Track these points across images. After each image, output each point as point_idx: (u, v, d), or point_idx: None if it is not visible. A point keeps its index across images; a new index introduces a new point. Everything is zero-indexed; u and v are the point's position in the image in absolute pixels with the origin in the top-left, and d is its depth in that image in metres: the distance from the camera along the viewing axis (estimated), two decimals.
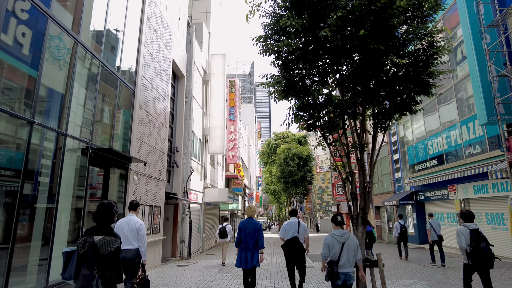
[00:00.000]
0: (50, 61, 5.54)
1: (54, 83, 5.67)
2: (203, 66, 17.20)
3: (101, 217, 3.22)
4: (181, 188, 12.82)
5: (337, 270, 4.14)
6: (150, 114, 9.78)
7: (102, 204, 3.28)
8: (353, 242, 4.25)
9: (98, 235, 3.12)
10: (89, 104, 6.70)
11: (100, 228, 3.18)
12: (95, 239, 3.10)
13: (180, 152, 13.00)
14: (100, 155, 6.82)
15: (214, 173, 19.00)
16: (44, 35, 5.31)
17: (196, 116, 15.48)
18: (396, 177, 20.80)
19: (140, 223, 5.22)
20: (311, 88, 6.37)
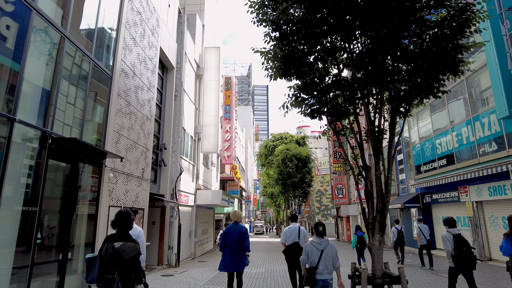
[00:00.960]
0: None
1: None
2: (196, 59, 16.13)
3: (119, 225, 3.47)
4: (169, 189, 11.69)
5: (315, 276, 4.23)
6: (131, 104, 8.68)
7: (120, 212, 3.56)
8: (332, 250, 4.33)
9: (118, 242, 3.36)
10: (49, 84, 5.58)
11: (119, 235, 3.43)
12: (115, 246, 3.34)
13: (168, 150, 11.89)
14: (63, 147, 5.70)
15: (207, 174, 17.87)
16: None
17: (187, 112, 14.38)
18: (400, 179, 19.74)
19: (139, 230, 5.31)
20: (316, 65, 5.29)
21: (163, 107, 12.21)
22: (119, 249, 3.32)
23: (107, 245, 3.38)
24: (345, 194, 31.66)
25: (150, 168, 10.01)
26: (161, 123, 11.94)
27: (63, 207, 6.00)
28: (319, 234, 4.45)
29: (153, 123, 10.27)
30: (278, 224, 59.68)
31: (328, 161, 50.24)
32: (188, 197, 13.98)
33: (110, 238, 3.44)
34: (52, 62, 5.68)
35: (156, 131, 11.55)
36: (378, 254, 4.53)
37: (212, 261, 13.94)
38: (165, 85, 12.51)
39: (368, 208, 5.05)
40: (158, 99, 11.91)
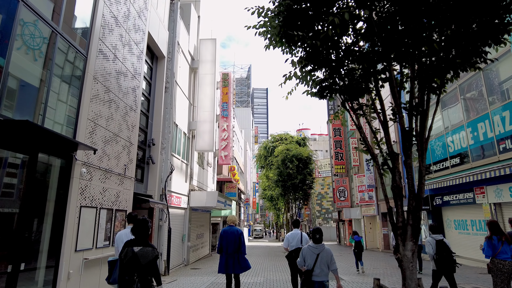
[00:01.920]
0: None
1: None
2: (191, 51, 15.11)
3: (139, 231, 3.81)
4: (157, 189, 10.61)
5: (312, 279, 4.43)
6: (111, 91, 7.62)
7: (139, 220, 3.90)
8: (327, 254, 4.49)
9: (137, 246, 3.69)
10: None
11: (138, 240, 3.76)
12: (134, 250, 3.66)
13: (157, 146, 10.82)
14: (14, 133, 4.64)
15: (203, 175, 16.79)
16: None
17: (180, 106, 13.33)
18: (406, 181, 18.64)
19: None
20: (330, 18, 4.19)
21: (152, 99, 11.16)
22: (138, 253, 3.62)
23: (127, 249, 3.67)
24: (347, 196, 30.56)
25: (135, 165, 8.93)
26: (149, 117, 10.88)
27: (20, 208, 4.93)
28: (316, 241, 4.60)
29: (138, 115, 9.21)
30: (278, 228, 58.48)
31: (329, 163, 49.20)
32: (180, 198, 12.89)
33: (130, 243, 3.74)
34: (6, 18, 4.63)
35: (143, 125, 10.49)
36: (411, 268, 3.45)
37: (206, 268, 12.82)
38: (154, 75, 11.47)
39: (397, 208, 3.96)
40: (147, 90, 10.87)
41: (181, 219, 13.43)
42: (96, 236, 6.82)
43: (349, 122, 27.99)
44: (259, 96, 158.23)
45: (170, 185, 11.75)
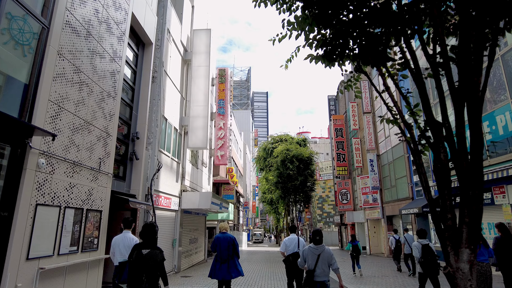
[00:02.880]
0: None
1: None
2: (183, 42, 14.10)
3: (146, 235, 4.15)
4: (142, 188, 9.52)
5: (314, 279, 4.54)
6: (83, 72, 6.57)
7: (146, 224, 4.26)
8: (328, 254, 4.61)
9: (145, 249, 4.01)
10: None
11: (146, 243, 4.08)
12: (143, 252, 3.98)
13: (142, 140, 9.74)
14: None
15: (197, 175, 15.69)
16: None
17: (170, 99, 12.28)
18: (415, 180, 17.55)
19: (135, 240, 5.71)
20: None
21: (137, 89, 10.10)
22: (147, 255, 3.97)
23: (136, 252, 4.01)
24: (349, 199, 29.41)
25: (113, 160, 7.85)
26: (133, 108, 9.82)
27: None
28: (316, 242, 4.68)
29: (118, 103, 8.14)
30: (278, 232, 57.17)
31: (331, 165, 48.07)
32: (170, 199, 11.79)
33: (139, 246, 4.09)
34: None
35: (126, 116, 9.42)
36: (469, 287, 2.31)
37: (199, 276, 11.69)
38: (140, 62, 10.42)
39: (443, 200, 2.84)
40: (131, 78, 9.82)
41: (171, 222, 12.32)
42: (59, 241, 5.72)
43: (352, 122, 26.95)
44: (259, 99, 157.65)
45: (157, 184, 10.66)
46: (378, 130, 22.93)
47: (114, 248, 5.65)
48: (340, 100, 33.96)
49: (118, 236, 5.77)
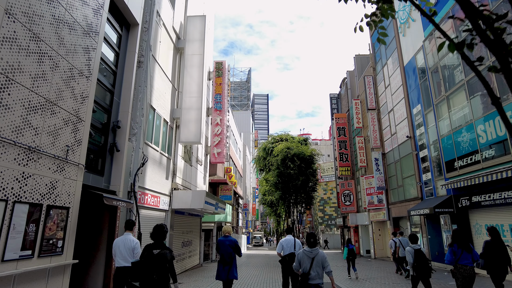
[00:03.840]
0: None
1: None
2: (176, 28, 13.06)
3: (157, 236, 4.57)
4: (123, 184, 8.42)
5: (309, 282, 4.64)
6: (44, 41, 5.50)
7: (157, 226, 4.69)
8: (322, 257, 4.72)
9: (155, 249, 4.40)
10: None
11: (156, 244, 4.50)
12: (154, 252, 4.36)
13: (123, 130, 8.65)
14: None
15: (191, 173, 14.59)
16: None
17: (160, 89, 11.22)
18: (424, 179, 16.41)
19: (135, 242, 5.91)
20: None
21: (119, 73, 9.03)
22: (157, 255, 4.32)
23: (147, 252, 4.37)
24: (353, 201, 28.25)
25: (86, 149, 6.76)
26: (115, 94, 8.74)
27: None
28: (310, 245, 4.81)
29: (94, 85, 7.06)
30: (278, 235, 55.94)
31: (332, 167, 46.92)
32: (158, 198, 10.69)
33: (149, 247, 4.47)
34: None
35: (106, 103, 8.34)
36: None
37: (190, 283, 10.56)
38: (124, 44, 9.36)
39: None
40: (113, 60, 8.75)
41: (160, 223, 11.19)
42: (4, 244, 4.62)
43: None
44: (259, 102, 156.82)
45: (143, 180, 9.57)
46: (383, 127, 21.82)
47: (115, 249, 5.83)
48: (343, 98, 32.90)
49: (119, 238, 5.94)
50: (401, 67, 18.81)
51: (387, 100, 21.03)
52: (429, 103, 15.66)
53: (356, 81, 28.36)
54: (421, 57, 16.40)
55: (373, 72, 23.46)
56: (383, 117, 21.81)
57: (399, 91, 19.22)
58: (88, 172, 7.34)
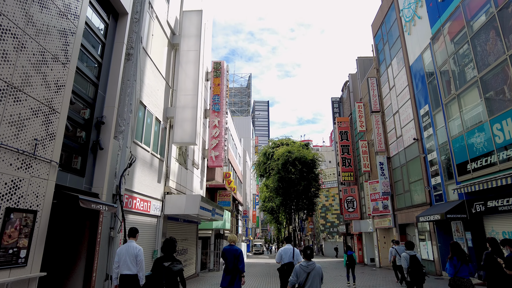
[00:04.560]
0: None
1: None
2: (171, 23, 12.36)
3: (167, 249, 4.96)
4: (107, 187, 7.59)
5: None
6: (4, 15, 4.73)
7: (167, 239, 5.07)
8: (318, 272, 4.82)
9: (166, 262, 4.80)
10: None
11: (167, 257, 4.89)
12: (165, 264, 4.74)
13: (108, 126, 7.85)
14: None
15: (186, 177, 13.75)
16: None
17: (152, 85, 10.46)
18: (433, 184, 15.53)
19: (138, 249, 5.91)
20: None
21: (105, 65, 8.25)
22: (168, 267, 4.66)
23: (158, 264, 4.75)
24: (356, 207, 27.31)
25: (61, 145, 5.95)
26: (99, 87, 7.95)
27: None
28: (307, 257, 4.93)
29: (72, 74, 6.28)
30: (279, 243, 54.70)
31: (335, 172, 46.00)
32: (148, 202, 9.84)
33: (160, 259, 4.90)
34: None
35: (89, 96, 7.55)
36: None
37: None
38: (111, 34, 8.60)
39: None
40: (99, 52, 7.98)
41: (152, 230, 10.34)
42: None
43: (358, 119, 25.12)
44: (260, 108, 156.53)
45: (131, 183, 8.74)
46: (388, 130, 21.01)
47: (120, 258, 5.79)
48: (345, 102, 32.16)
49: (122, 246, 5.94)
50: (406, 67, 18.08)
51: (392, 102, 20.26)
52: (438, 103, 14.87)
53: (358, 84, 27.64)
54: (429, 56, 15.67)
55: (376, 74, 22.74)
56: (388, 120, 21.01)
57: (404, 92, 18.45)
58: (65, 171, 6.52)
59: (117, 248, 6.97)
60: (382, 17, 21.66)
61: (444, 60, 14.20)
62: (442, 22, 14.28)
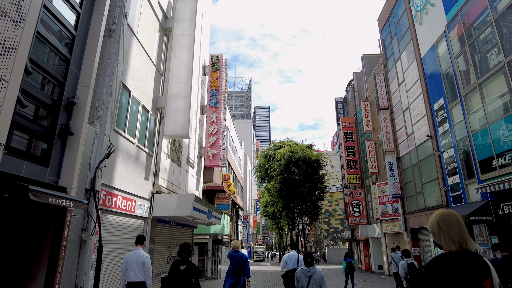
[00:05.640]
0: None
1: None
2: (163, 5, 11.22)
3: (183, 254, 5.14)
4: (79, 179, 6.34)
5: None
6: None
7: (183, 244, 5.22)
8: (319, 276, 4.90)
9: (182, 265, 5.04)
10: None
11: (183, 260, 5.10)
12: (181, 268, 5.00)
13: (82, 109, 6.63)
14: None
15: (179, 175, 12.49)
16: None
17: (139, 69, 9.28)
18: (450, 183, 14.22)
19: (146, 256, 5.98)
20: None
21: (80, 38, 7.05)
22: (184, 270, 4.98)
23: (175, 267, 5.05)
24: (362, 211, 25.93)
25: (10, 122, 4.73)
26: (71, 62, 6.75)
27: None
28: (308, 264, 5.01)
29: (29, 37, 5.08)
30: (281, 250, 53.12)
31: (338, 176, 44.63)
32: (133, 201, 8.58)
33: (177, 263, 5.10)
34: None
35: (56, 71, 6.33)
36: None
37: None
38: (89, 5, 7.42)
39: None
40: (69, 19, 6.79)
41: (137, 233, 9.05)
42: None
43: (364, 118, 23.90)
44: (261, 114, 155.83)
45: (111, 177, 7.49)
46: (397, 128, 19.76)
47: (127, 265, 5.83)
48: (349, 102, 30.97)
49: (130, 253, 5.97)
50: (417, 60, 16.89)
51: (402, 98, 19.04)
52: (455, 96, 13.64)
53: (364, 82, 26.47)
54: (443, 45, 14.48)
55: (384, 70, 21.56)
56: (397, 117, 19.77)
57: (415, 87, 17.23)
58: (20, 158, 5.28)
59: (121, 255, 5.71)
60: (390, 10, 20.56)
61: (461, 48, 13.00)
62: (459, 6, 13.11)
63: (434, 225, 1.96)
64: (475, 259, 1.77)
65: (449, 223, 1.89)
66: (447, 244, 1.85)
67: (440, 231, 1.90)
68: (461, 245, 1.82)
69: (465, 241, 1.83)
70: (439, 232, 1.91)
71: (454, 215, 1.92)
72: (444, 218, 1.93)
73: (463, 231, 1.85)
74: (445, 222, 1.90)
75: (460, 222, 1.89)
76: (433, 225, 1.97)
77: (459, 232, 1.85)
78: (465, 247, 1.82)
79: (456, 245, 1.83)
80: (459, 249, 1.82)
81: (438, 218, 1.94)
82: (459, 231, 1.85)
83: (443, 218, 1.93)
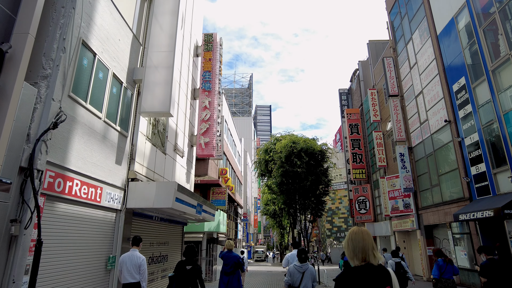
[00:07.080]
0: None
1: None
2: None
3: (188, 254, 5.46)
4: (7, 153, 4.72)
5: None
6: None
7: (189, 246, 5.59)
8: (311, 272, 5.07)
9: (188, 266, 5.34)
10: None
11: (189, 261, 5.41)
12: (187, 268, 5.31)
13: (16, 61, 5.03)
14: None
15: (164, 163, 10.87)
16: None
17: (108, 29, 7.65)
18: (474, 173, 12.55)
19: (141, 258, 6.06)
20: None
21: None
22: (190, 270, 5.28)
23: (181, 267, 5.33)
24: (369, 208, 24.27)
25: None
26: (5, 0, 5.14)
27: None
28: (301, 260, 5.15)
29: None
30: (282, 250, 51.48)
31: (341, 173, 42.95)
32: (99, 189, 6.96)
33: (183, 263, 5.40)
34: None
35: None
36: None
37: None
38: None
39: None
40: None
41: (106, 228, 7.44)
42: None
43: (371, 110, 22.24)
44: (262, 113, 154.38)
45: (64, 156, 5.87)
46: (409, 116, 18.09)
47: (122, 266, 5.91)
48: (354, 93, 29.31)
49: (125, 254, 6.07)
50: (433, 38, 15.22)
51: (414, 83, 17.37)
52: (480, 73, 11.98)
53: (370, 70, 24.81)
54: (465, 16, 12.80)
55: (393, 53, 19.90)
56: (408, 104, 18.10)
57: (430, 68, 15.57)
58: None
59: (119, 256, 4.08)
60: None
61: (490, 16, 11.33)
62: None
63: (345, 243, 2.20)
64: (376, 271, 2.01)
65: (355, 240, 2.12)
66: (352, 259, 2.12)
67: (348, 248, 2.16)
68: (364, 259, 2.06)
69: (368, 256, 2.06)
70: (348, 250, 2.16)
71: (361, 233, 2.14)
72: (352, 236, 2.18)
73: (367, 247, 2.08)
74: (352, 240, 2.14)
75: (365, 238, 2.11)
76: (345, 243, 2.20)
77: (363, 247, 2.08)
78: (368, 261, 2.05)
79: (359, 260, 2.08)
80: (363, 264, 2.06)
81: (348, 237, 2.19)
82: (363, 247, 2.08)
83: (351, 237, 2.17)
